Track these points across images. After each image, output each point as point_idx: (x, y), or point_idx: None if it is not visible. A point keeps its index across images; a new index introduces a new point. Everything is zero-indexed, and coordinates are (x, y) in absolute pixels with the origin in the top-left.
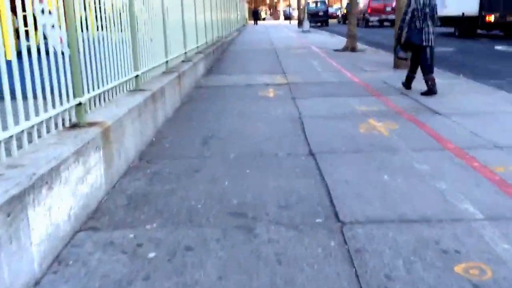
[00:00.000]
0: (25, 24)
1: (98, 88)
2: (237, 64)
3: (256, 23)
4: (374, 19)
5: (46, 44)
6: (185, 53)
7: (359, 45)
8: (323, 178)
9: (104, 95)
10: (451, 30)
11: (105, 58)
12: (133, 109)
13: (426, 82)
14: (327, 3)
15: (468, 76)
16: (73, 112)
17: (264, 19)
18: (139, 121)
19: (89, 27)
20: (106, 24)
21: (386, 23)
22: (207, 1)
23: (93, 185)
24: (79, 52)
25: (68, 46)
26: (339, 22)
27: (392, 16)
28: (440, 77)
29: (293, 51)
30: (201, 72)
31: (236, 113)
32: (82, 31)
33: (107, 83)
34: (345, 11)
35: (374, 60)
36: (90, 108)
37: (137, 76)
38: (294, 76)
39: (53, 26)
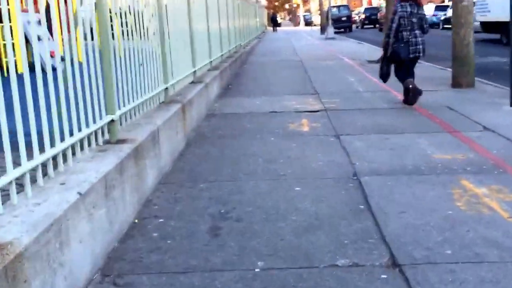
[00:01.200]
0: None
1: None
2: (258, 82)
3: (275, 30)
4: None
5: None
6: (194, 72)
7: None
8: None
9: None
10: (497, 36)
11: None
12: (96, 183)
13: (406, 86)
14: (350, 7)
15: None
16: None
17: (280, 24)
18: (105, 205)
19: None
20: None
21: None
22: (223, 7)
23: None
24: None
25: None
26: (357, 27)
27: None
28: None
29: (322, 63)
30: (215, 94)
31: (260, 164)
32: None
33: None
34: (363, 16)
35: (422, 74)
36: None
37: (112, 120)
38: (331, 99)
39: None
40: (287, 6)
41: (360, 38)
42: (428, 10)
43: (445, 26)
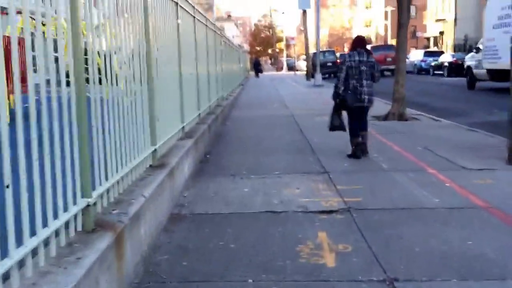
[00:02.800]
0: None
1: None
2: (244, 149)
3: (258, 76)
4: None
5: None
6: (154, 151)
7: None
8: None
9: None
10: (505, 85)
11: None
12: None
13: (351, 143)
14: (335, 52)
15: None
16: None
17: (262, 70)
18: None
19: None
20: None
21: (387, 73)
22: (202, 54)
23: None
24: None
25: None
26: None
27: (392, 66)
28: None
29: (318, 118)
30: (185, 177)
31: None
32: None
33: None
34: (338, 61)
35: (455, 139)
36: None
37: None
38: (349, 184)
39: None
40: (269, 51)
41: None
42: (417, 55)
43: (436, 72)
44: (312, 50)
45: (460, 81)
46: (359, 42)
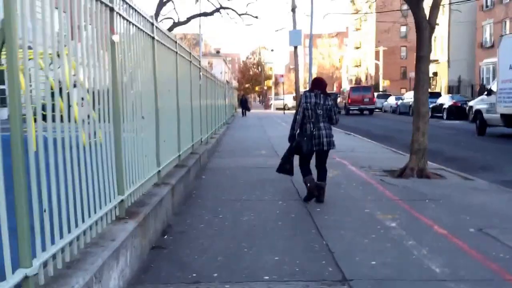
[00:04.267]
0: None
1: None
2: (220, 228)
3: (245, 114)
4: (354, 108)
5: None
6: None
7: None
8: None
9: None
10: None
11: None
12: None
13: (305, 183)
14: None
15: None
16: None
17: (249, 109)
18: None
19: None
20: None
21: (365, 112)
22: (183, 90)
23: None
24: None
25: None
26: None
27: (370, 106)
28: None
29: None
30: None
31: None
32: None
33: None
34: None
35: (510, 212)
36: None
37: None
38: None
39: None
40: (257, 88)
41: (344, 126)
42: (412, 96)
43: (435, 114)
44: (301, 89)
45: (463, 125)
46: (317, 84)
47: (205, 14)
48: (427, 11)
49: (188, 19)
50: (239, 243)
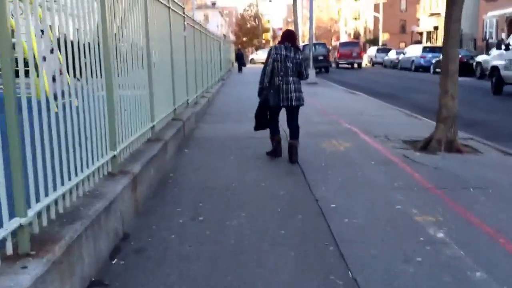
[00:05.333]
0: None
1: None
2: (202, 230)
3: (241, 70)
4: (343, 62)
5: None
6: None
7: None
8: None
9: None
10: None
11: None
12: None
13: (271, 141)
14: (327, 45)
15: None
16: None
17: (245, 64)
18: None
19: None
20: None
21: (355, 66)
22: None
23: None
24: None
25: None
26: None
27: (358, 60)
28: None
29: (329, 149)
30: None
31: None
32: None
33: None
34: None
35: None
36: None
37: None
38: None
39: None
40: (256, 41)
41: (346, 83)
42: (415, 51)
43: (437, 70)
44: (301, 43)
45: (471, 82)
46: (288, 36)
47: None
48: None
49: None
50: (223, 275)
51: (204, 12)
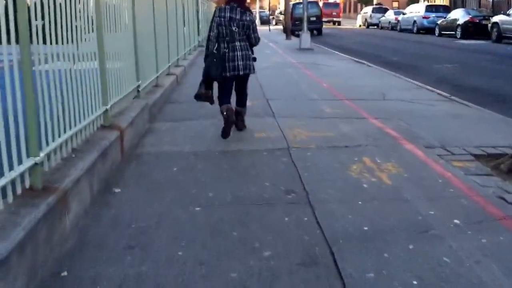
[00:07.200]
0: None
1: None
2: None
3: None
4: (324, 20)
5: None
6: None
7: None
8: None
9: None
10: None
11: None
12: None
13: (221, 112)
14: (318, 4)
15: None
16: None
17: None
18: None
19: None
20: None
21: (335, 23)
22: None
23: None
24: None
25: None
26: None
27: (337, 19)
28: None
29: (358, 174)
30: None
31: None
32: None
33: None
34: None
35: None
36: None
37: None
38: None
39: None
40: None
41: (346, 49)
42: (417, 10)
43: (443, 32)
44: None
45: (489, 46)
46: None
47: None
48: None
49: None
50: None
51: None
